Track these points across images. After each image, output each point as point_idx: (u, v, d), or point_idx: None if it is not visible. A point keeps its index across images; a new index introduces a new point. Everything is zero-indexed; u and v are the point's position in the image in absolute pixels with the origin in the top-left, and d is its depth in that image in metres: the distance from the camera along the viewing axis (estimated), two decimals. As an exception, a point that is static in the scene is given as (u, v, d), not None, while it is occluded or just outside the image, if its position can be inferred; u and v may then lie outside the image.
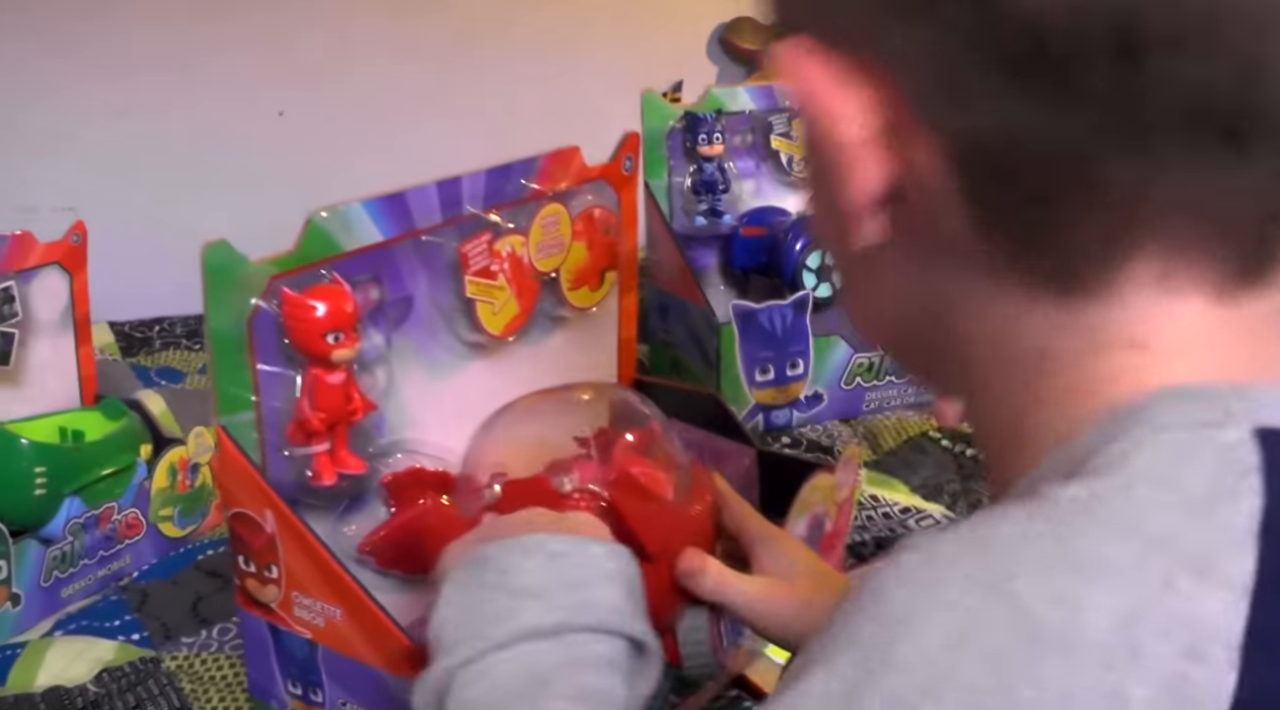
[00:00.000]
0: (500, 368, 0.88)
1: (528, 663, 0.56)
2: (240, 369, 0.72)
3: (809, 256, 1.39)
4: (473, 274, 0.81)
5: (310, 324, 0.72)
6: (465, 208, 0.80)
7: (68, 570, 1.01)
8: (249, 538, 0.74)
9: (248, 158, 1.96)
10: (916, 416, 1.42)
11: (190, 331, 1.64)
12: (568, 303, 0.89)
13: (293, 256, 0.73)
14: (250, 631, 0.77)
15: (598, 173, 0.89)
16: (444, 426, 0.84)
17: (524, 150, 2.23)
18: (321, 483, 0.76)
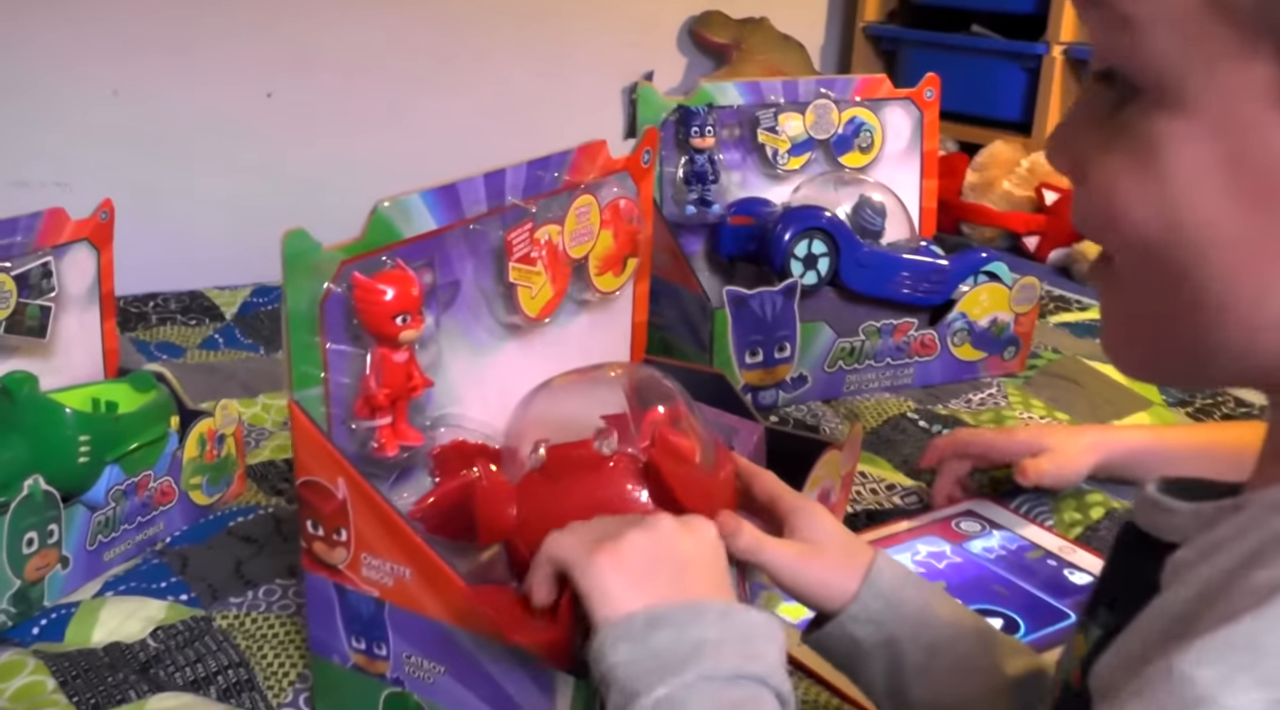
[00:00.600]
0: (532, 348, 0.95)
1: (713, 696, 0.63)
2: (312, 348, 0.79)
3: (797, 245, 1.46)
4: (516, 260, 0.88)
5: (381, 307, 0.79)
6: (508, 198, 0.87)
7: (110, 535, 1.06)
8: (319, 504, 0.80)
9: (236, 138, 2.01)
10: (894, 398, 1.51)
11: (184, 307, 1.68)
12: (594, 287, 0.97)
13: (360, 243, 0.79)
14: (316, 592, 0.84)
15: (621, 165, 0.96)
16: (484, 402, 0.91)
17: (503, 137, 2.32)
18: (385, 454, 0.83)
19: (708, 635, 0.65)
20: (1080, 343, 1.74)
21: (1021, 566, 1.10)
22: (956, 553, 1.12)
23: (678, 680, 0.62)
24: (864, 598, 0.79)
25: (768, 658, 0.65)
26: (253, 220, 2.01)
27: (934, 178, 1.69)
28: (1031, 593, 1.05)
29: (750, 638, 0.66)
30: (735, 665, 0.64)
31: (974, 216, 2.32)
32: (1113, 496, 1.22)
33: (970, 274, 1.58)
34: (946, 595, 0.83)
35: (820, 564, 0.80)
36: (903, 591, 0.80)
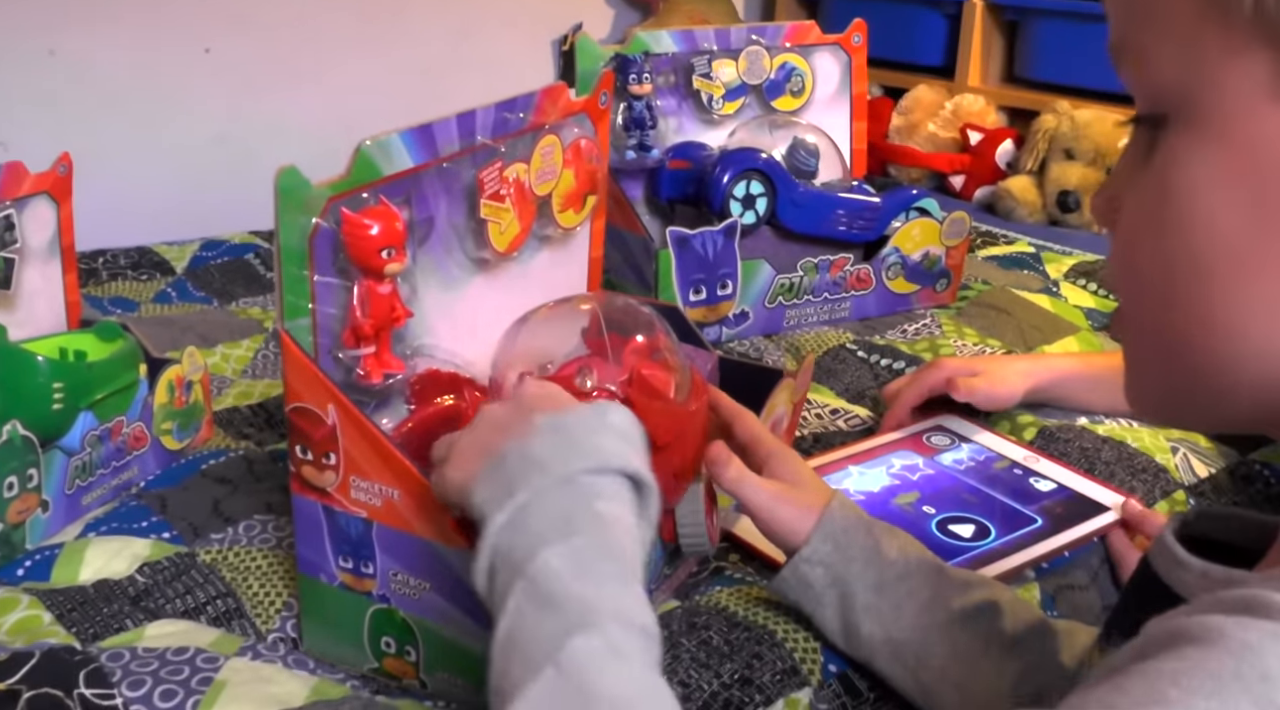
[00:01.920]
0: (498, 282, 0.99)
1: (549, 507, 0.63)
2: (301, 281, 0.82)
3: (736, 186, 1.51)
4: (487, 197, 0.92)
5: (367, 241, 0.83)
6: (478, 138, 0.91)
7: (87, 479, 1.09)
8: (309, 429, 0.84)
9: (174, 93, 2.01)
10: (832, 331, 1.57)
11: (134, 262, 1.70)
12: (556, 223, 1.01)
13: (345, 181, 0.82)
14: (304, 514, 0.87)
15: (580, 107, 1.00)
16: (455, 333, 0.96)
17: (438, 91, 2.35)
18: (370, 382, 0.87)
19: (539, 452, 0.65)
20: (1007, 274, 1.82)
21: (989, 476, 1.16)
22: (929, 465, 1.18)
23: (513, 502, 0.63)
24: (814, 541, 0.86)
25: (604, 449, 0.66)
26: (196, 175, 2.03)
27: (863, 120, 1.75)
28: (1000, 500, 1.12)
29: (578, 440, 0.66)
30: (573, 468, 0.64)
31: (900, 158, 2.39)
32: (1042, 417, 1.29)
33: (902, 210, 1.64)
34: (899, 534, 0.89)
35: (788, 506, 0.88)
36: (851, 534, 0.87)
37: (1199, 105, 0.48)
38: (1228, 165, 0.47)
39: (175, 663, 0.84)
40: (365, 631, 0.88)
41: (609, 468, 0.65)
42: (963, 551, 1.03)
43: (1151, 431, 1.26)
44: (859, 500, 1.11)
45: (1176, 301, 0.50)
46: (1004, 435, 1.25)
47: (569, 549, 0.60)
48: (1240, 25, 0.46)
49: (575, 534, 0.61)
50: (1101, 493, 1.12)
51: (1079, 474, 1.16)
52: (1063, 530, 1.06)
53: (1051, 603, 1.01)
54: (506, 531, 0.63)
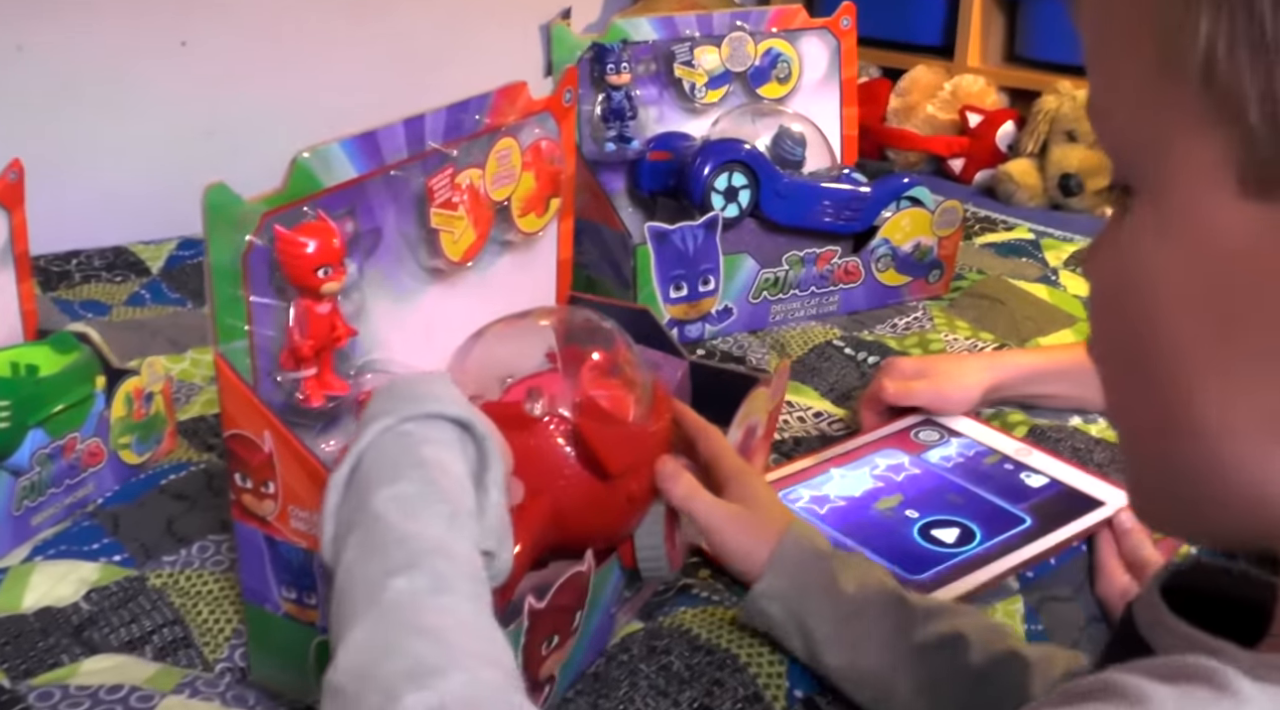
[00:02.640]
0: (455, 291, 0.95)
1: (378, 457, 0.64)
2: (236, 301, 0.78)
3: (717, 179, 1.47)
4: (437, 206, 0.88)
5: (302, 260, 0.78)
6: (428, 143, 0.86)
7: (37, 499, 1.05)
8: (246, 456, 0.80)
9: (151, 88, 1.97)
10: (820, 326, 1.52)
11: (109, 264, 1.66)
12: (517, 228, 0.97)
13: (281, 195, 0.78)
14: (246, 542, 0.84)
15: (541, 106, 0.96)
16: (409, 346, 0.92)
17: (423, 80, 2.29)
18: (311, 405, 0.83)
19: (373, 410, 0.67)
20: (1005, 262, 1.77)
21: (978, 473, 1.11)
22: (915, 464, 1.14)
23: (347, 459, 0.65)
24: (769, 576, 0.85)
25: (434, 395, 0.68)
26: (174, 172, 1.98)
27: (854, 105, 1.70)
28: (988, 499, 1.07)
29: (407, 392, 0.68)
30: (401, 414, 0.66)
31: (898, 141, 2.33)
32: (1032, 416, 1.25)
33: (892, 200, 1.59)
34: (857, 564, 0.86)
35: (742, 530, 0.86)
36: (806, 568, 0.84)
37: (1158, 180, 0.43)
38: (1184, 255, 0.42)
39: (108, 702, 0.81)
40: (311, 662, 0.84)
41: (438, 414, 0.66)
42: (945, 558, 0.99)
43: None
44: (838, 507, 1.07)
45: (1147, 398, 0.45)
46: (996, 427, 1.20)
47: (394, 493, 0.61)
48: (1191, 97, 0.40)
49: (400, 479, 0.62)
50: (1097, 486, 1.07)
51: (1074, 466, 1.11)
52: (1052, 530, 1.01)
53: (1035, 615, 0.97)
54: (338, 491, 0.64)
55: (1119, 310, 0.46)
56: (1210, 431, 0.43)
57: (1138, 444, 0.49)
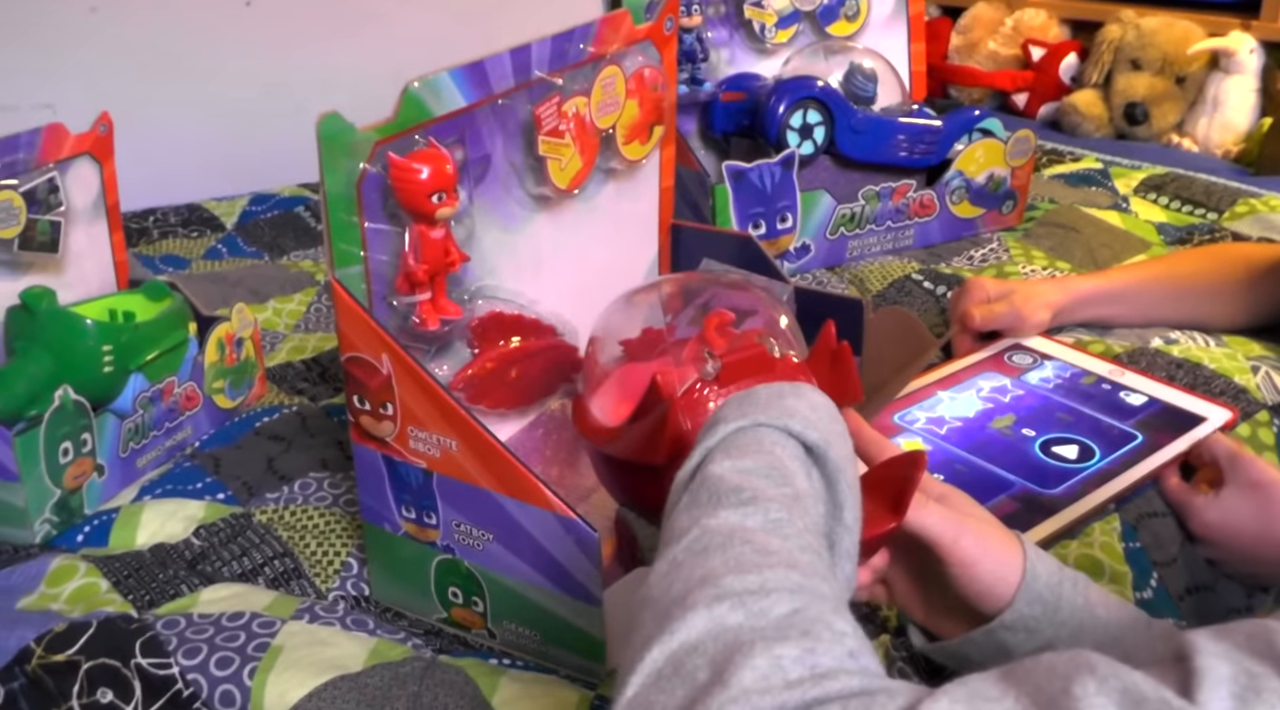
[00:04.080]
0: (562, 219, 0.95)
1: (724, 445, 0.59)
2: (350, 228, 0.79)
3: (791, 116, 1.46)
4: (545, 134, 0.88)
5: (417, 185, 0.79)
6: (534, 72, 0.86)
7: (141, 442, 1.06)
8: (365, 379, 0.80)
9: (217, 48, 1.98)
10: (897, 260, 1.51)
11: (184, 220, 1.67)
12: (621, 156, 0.96)
13: (392, 124, 0.79)
14: (365, 463, 0.84)
15: (644, 34, 0.95)
16: (518, 273, 0.92)
17: (484, 29, 2.28)
18: (427, 329, 0.83)
19: (729, 414, 0.63)
20: (1075, 192, 1.75)
21: (1080, 392, 1.11)
22: (1018, 385, 1.13)
23: (738, 422, 0.61)
24: (1019, 605, 0.72)
25: (794, 412, 0.61)
26: (241, 130, 2.00)
27: (921, 41, 1.69)
28: (1095, 417, 1.07)
29: (768, 403, 0.63)
30: (757, 419, 0.61)
31: (961, 78, 2.32)
32: (1113, 340, 1.24)
33: (964, 132, 1.58)
34: (1098, 587, 0.76)
35: (986, 546, 0.72)
36: (1060, 592, 0.73)
37: None
38: None
39: (230, 629, 0.82)
40: (432, 581, 0.86)
41: (793, 431, 0.60)
42: (1073, 474, 0.99)
43: (1228, 351, 1.20)
44: (955, 427, 1.06)
45: None
46: (1084, 349, 1.20)
47: (735, 465, 0.57)
48: None
49: (745, 457, 0.57)
50: (1194, 403, 1.07)
51: (1167, 385, 1.11)
52: (1163, 444, 1.01)
53: (1133, 532, 0.96)
54: (683, 485, 0.59)
55: None
56: None
57: None
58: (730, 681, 0.41)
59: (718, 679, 0.41)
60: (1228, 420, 1.05)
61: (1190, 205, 1.70)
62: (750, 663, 0.41)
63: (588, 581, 0.78)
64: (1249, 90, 2.05)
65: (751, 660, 0.41)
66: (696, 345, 0.80)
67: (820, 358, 0.78)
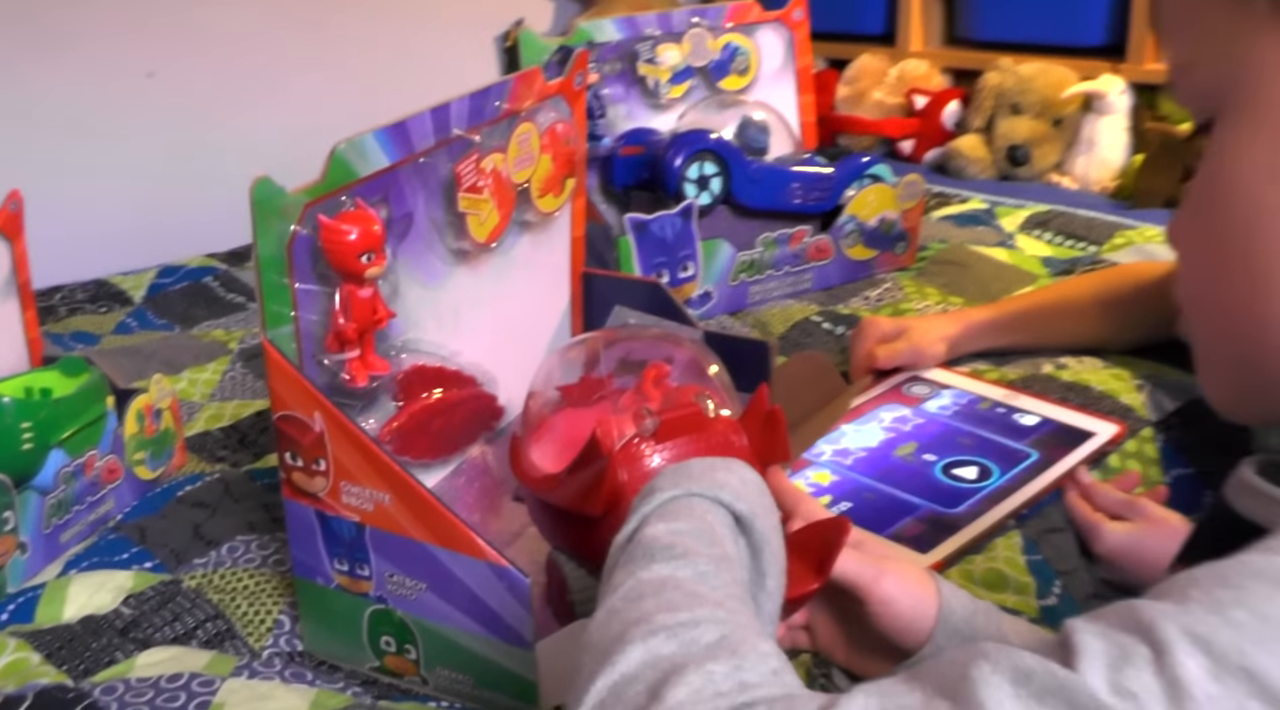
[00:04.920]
0: (480, 272, 0.98)
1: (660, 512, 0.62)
2: (282, 289, 0.81)
3: (689, 168, 1.50)
4: (465, 190, 0.91)
5: (346, 247, 0.81)
6: (453, 130, 0.89)
7: (64, 517, 1.06)
8: (297, 436, 0.82)
9: (120, 120, 1.98)
10: (797, 304, 1.56)
11: (92, 296, 1.67)
12: (536, 209, 1.00)
13: (320, 185, 0.81)
14: (297, 519, 0.86)
15: (555, 89, 0.99)
16: (439, 326, 0.95)
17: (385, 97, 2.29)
18: (356, 385, 0.85)
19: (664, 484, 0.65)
20: (963, 231, 1.82)
21: (976, 417, 1.17)
22: (918, 414, 1.18)
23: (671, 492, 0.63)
24: (938, 638, 0.75)
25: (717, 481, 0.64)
26: (148, 201, 2.00)
27: (810, 93, 1.75)
28: (993, 439, 1.12)
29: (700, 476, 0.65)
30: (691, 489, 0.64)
31: (849, 127, 2.39)
32: (1006, 368, 1.29)
33: (855, 179, 1.63)
34: (1009, 616, 0.80)
35: (904, 585, 0.75)
36: (974, 623, 0.76)
37: (1240, 98, 0.52)
38: (1269, 147, 0.51)
39: (170, 690, 0.82)
40: (364, 631, 0.87)
41: (723, 502, 0.63)
42: (973, 493, 1.04)
43: (1116, 372, 1.25)
44: (861, 457, 1.11)
45: (1236, 307, 0.52)
46: (979, 377, 1.25)
47: (669, 527, 0.59)
48: (1264, 14, 0.50)
49: (678, 521, 0.60)
50: (1084, 420, 1.13)
51: (1058, 405, 1.17)
52: (1058, 459, 1.07)
53: (1034, 546, 1.00)
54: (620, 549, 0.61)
55: (1209, 227, 0.53)
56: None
57: (1223, 351, 0.55)
58: (666, 698, 0.44)
59: (655, 699, 0.44)
60: (1115, 434, 1.11)
61: (1073, 239, 1.78)
62: (684, 680, 0.44)
63: (520, 626, 0.80)
64: (1121, 129, 2.15)
65: (685, 679, 0.44)
66: (634, 396, 0.82)
67: (754, 418, 0.81)
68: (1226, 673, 0.39)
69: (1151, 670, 0.39)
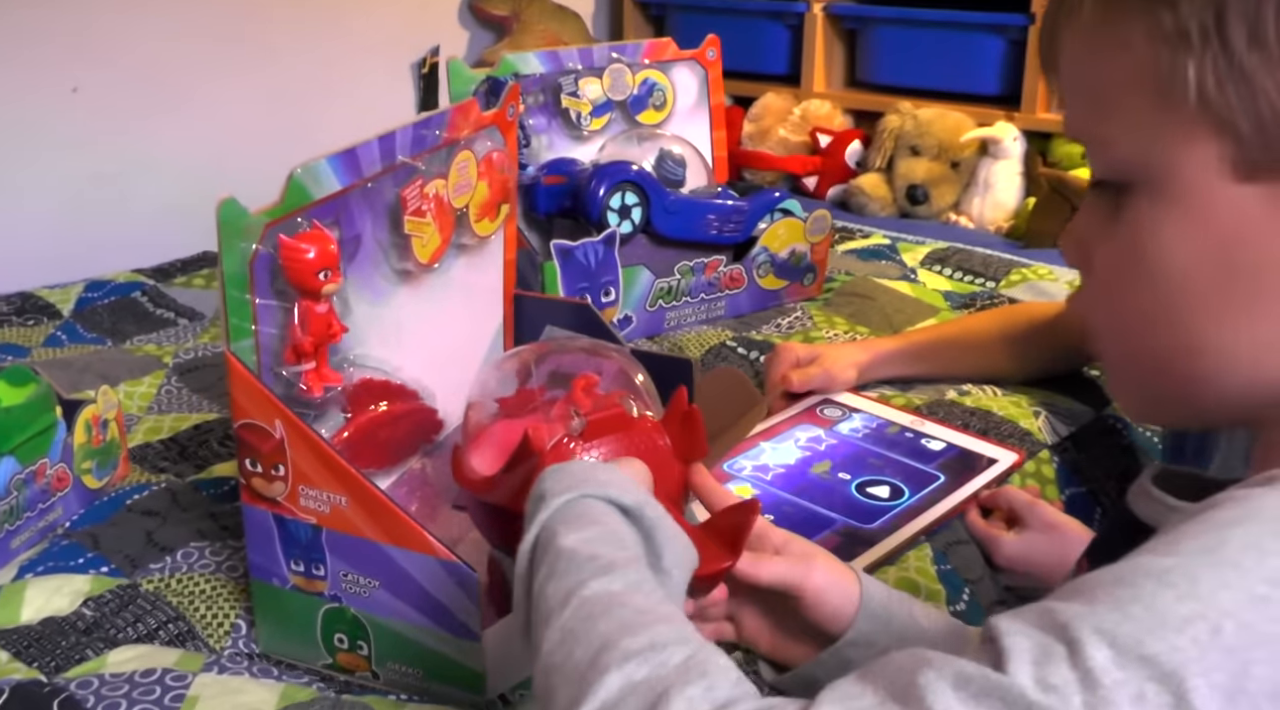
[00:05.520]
0: (420, 291, 1.05)
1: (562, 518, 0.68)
2: (244, 304, 0.87)
3: (611, 198, 1.58)
4: (409, 214, 0.98)
5: (305, 264, 0.87)
6: (399, 157, 0.96)
7: (15, 523, 1.10)
8: (257, 443, 0.87)
9: (44, 134, 2.01)
10: (711, 329, 1.65)
11: (18, 309, 1.69)
12: (472, 232, 1.07)
13: (279, 207, 0.87)
14: (255, 523, 0.91)
15: (490, 120, 1.06)
16: (384, 342, 1.01)
17: (302, 119, 2.34)
18: (312, 395, 0.91)
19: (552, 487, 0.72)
20: (867, 265, 1.92)
21: (886, 440, 1.25)
22: (831, 435, 1.27)
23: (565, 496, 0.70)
24: (860, 623, 0.83)
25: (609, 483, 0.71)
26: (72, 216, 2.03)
27: (722, 129, 1.84)
28: (903, 462, 1.21)
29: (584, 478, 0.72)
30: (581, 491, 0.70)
31: (754, 162, 2.49)
32: (914, 394, 1.39)
33: (767, 212, 1.73)
34: (920, 602, 0.89)
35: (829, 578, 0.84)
36: (890, 610, 0.85)
37: (1161, 181, 0.56)
38: (1192, 230, 0.56)
39: (145, 684, 0.87)
40: (318, 629, 0.92)
41: (610, 498, 0.70)
42: (887, 510, 1.12)
43: (1014, 399, 1.36)
44: (779, 473, 1.19)
45: (1158, 339, 0.59)
46: (886, 402, 1.34)
47: (581, 536, 0.66)
48: (1188, 120, 0.55)
49: (586, 528, 0.67)
50: (985, 447, 1.22)
51: (961, 432, 1.26)
52: (964, 482, 1.16)
53: (943, 557, 1.09)
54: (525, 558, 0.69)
55: (1134, 282, 0.59)
56: (1211, 353, 0.57)
57: (1139, 370, 0.62)
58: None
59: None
60: (1015, 462, 1.20)
61: (971, 275, 1.89)
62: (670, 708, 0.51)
63: (468, 619, 0.86)
64: (1015, 173, 2.28)
65: (670, 707, 0.51)
66: (565, 405, 0.89)
67: (673, 418, 0.89)
68: (1128, 660, 0.46)
69: (1068, 664, 0.46)
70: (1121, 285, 0.60)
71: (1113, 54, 0.57)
